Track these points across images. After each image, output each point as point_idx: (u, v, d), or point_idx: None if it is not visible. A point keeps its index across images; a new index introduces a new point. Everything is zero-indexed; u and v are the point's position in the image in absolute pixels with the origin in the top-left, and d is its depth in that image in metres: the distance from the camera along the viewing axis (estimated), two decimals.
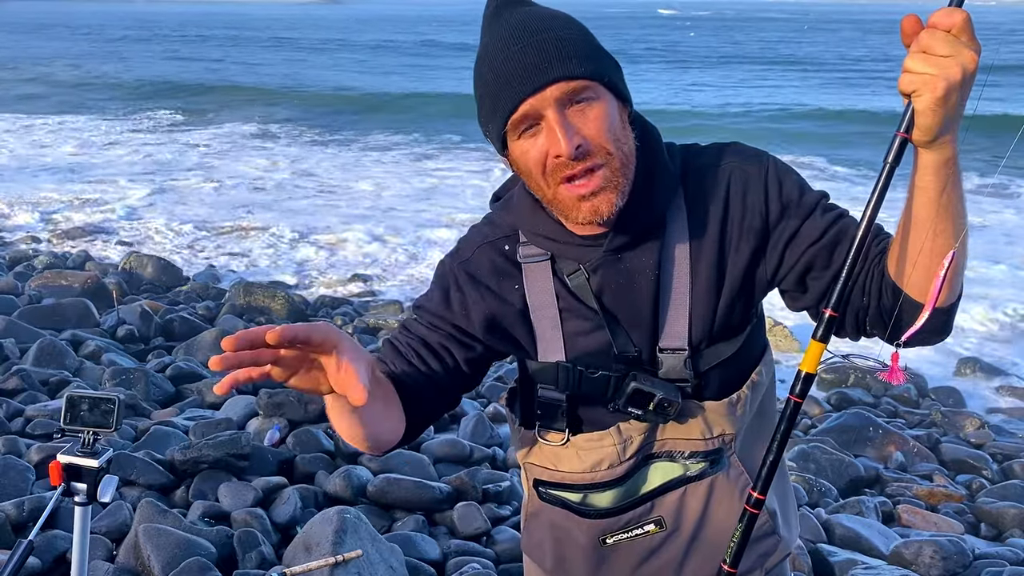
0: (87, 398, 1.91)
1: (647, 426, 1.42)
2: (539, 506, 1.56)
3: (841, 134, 19.45)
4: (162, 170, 15.47)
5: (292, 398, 4.39)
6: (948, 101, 1.05)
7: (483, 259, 1.43)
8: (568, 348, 1.41)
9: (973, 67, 1.05)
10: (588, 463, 1.45)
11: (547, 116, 1.22)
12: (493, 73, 1.25)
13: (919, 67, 1.06)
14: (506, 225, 1.45)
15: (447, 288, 1.43)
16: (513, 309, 1.41)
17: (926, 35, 1.06)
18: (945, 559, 3.60)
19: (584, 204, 1.26)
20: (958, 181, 1.14)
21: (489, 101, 1.27)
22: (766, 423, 1.54)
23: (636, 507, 1.48)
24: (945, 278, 1.14)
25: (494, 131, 1.29)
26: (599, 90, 1.24)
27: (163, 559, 3.00)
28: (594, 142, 1.23)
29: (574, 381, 1.40)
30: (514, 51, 1.23)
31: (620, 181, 1.26)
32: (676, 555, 1.51)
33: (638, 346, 1.39)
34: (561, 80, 1.21)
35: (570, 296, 1.39)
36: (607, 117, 1.24)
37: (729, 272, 1.38)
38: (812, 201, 1.35)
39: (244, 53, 39.66)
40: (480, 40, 1.31)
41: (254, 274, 9.26)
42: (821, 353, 1.22)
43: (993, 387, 6.68)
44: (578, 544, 1.52)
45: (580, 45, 1.25)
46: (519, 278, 1.42)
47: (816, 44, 50.74)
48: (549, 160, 1.24)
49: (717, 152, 1.41)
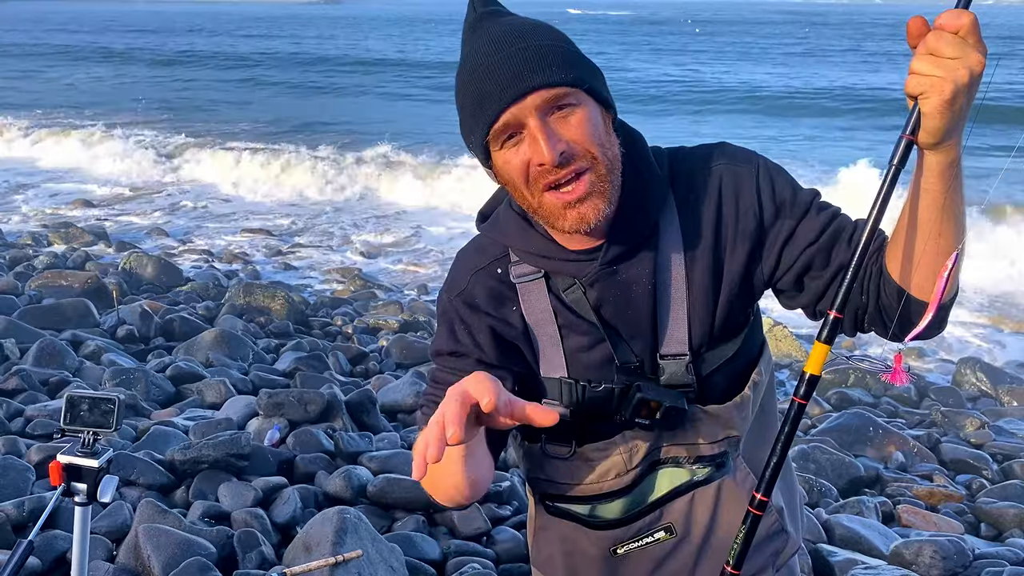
0: (87, 398, 1.91)
1: (652, 433, 1.41)
2: (547, 520, 1.55)
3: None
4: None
5: (292, 398, 4.39)
6: (955, 103, 1.05)
7: (478, 288, 1.41)
8: (570, 364, 1.40)
9: (980, 69, 1.04)
10: (595, 474, 1.44)
11: (529, 124, 1.21)
12: (473, 84, 1.24)
13: (927, 69, 1.05)
14: (495, 247, 1.43)
15: (452, 325, 1.42)
16: (515, 331, 1.40)
17: (933, 37, 1.05)
18: (945, 559, 3.59)
19: (570, 212, 1.24)
20: (960, 182, 1.14)
21: (470, 112, 1.26)
22: (768, 422, 1.55)
23: (645, 515, 1.47)
24: (948, 278, 1.14)
25: (476, 142, 1.28)
26: (581, 96, 1.23)
27: (163, 559, 3.00)
28: (578, 146, 1.22)
29: (578, 396, 1.39)
30: (494, 61, 1.22)
31: (606, 187, 1.25)
32: (687, 560, 1.50)
33: (639, 356, 1.38)
34: (541, 88, 1.20)
35: (568, 312, 1.38)
36: (590, 122, 1.23)
37: (726, 275, 1.37)
38: (806, 200, 1.35)
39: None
40: (461, 51, 1.31)
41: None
42: (826, 355, 1.22)
43: (993, 387, 6.68)
44: (589, 556, 1.51)
45: (560, 53, 1.24)
46: (516, 300, 1.40)
47: (702, 40, 50.58)
48: (532, 168, 1.23)
49: (706, 154, 1.40)
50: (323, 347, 6.29)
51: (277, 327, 6.98)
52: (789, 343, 7.31)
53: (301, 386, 4.97)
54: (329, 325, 7.42)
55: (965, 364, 7.00)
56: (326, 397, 4.42)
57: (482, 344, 1.38)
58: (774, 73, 31.31)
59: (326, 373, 5.56)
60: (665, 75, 30.03)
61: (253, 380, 5.32)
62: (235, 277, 8.93)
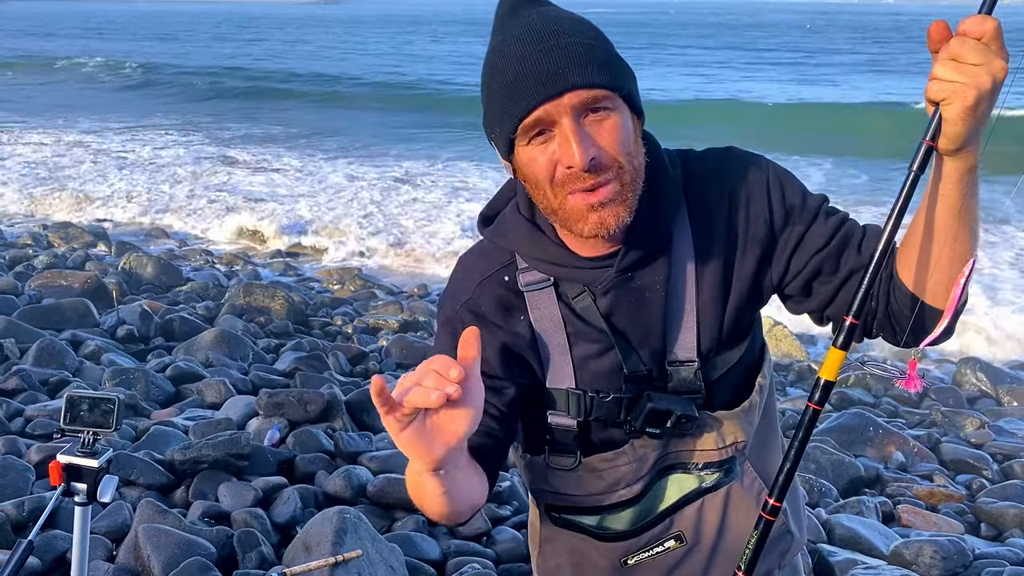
0: (87, 398, 1.91)
1: (661, 442, 1.40)
2: (554, 531, 1.53)
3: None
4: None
5: (292, 398, 4.39)
6: (978, 110, 1.04)
7: (485, 297, 1.37)
8: (578, 373, 1.37)
9: (1003, 76, 1.03)
10: (604, 484, 1.42)
11: (562, 124, 1.18)
12: (507, 73, 1.19)
13: (949, 75, 1.04)
14: (500, 252, 1.39)
15: (456, 337, 1.34)
16: (523, 341, 1.37)
17: (956, 43, 1.03)
18: (945, 559, 3.59)
19: (592, 215, 1.21)
20: (976, 188, 1.14)
21: (500, 102, 1.21)
22: (770, 424, 1.54)
23: (655, 525, 1.45)
24: (966, 284, 1.14)
25: (502, 134, 1.23)
26: (616, 101, 1.20)
27: (163, 559, 3.00)
28: (608, 154, 1.19)
29: (586, 407, 1.37)
30: (531, 52, 1.18)
31: (629, 196, 1.22)
32: (697, 568, 1.49)
33: (648, 363, 1.36)
34: (580, 88, 1.16)
35: (577, 320, 1.35)
36: (622, 130, 1.20)
37: (735, 280, 1.36)
38: (815, 206, 1.34)
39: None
40: (492, 37, 1.26)
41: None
42: (842, 361, 1.21)
43: (993, 387, 6.67)
44: (598, 567, 1.50)
45: (601, 53, 1.20)
46: (524, 308, 1.37)
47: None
48: (559, 170, 1.20)
49: (716, 158, 1.39)
50: (323, 347, 6.29)
51: (277, 327, 6.97)
52: (789, 343, 7.30)
53: (301, 386, 4.96)
54: (329, 325, 7.42)
55: (965, 364, 6.99)
56: (326, 397, 4.42)
57: (487, 357, 1.33)
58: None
59: (326, 373, 5.55)
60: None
61: (253, 380, 5.32)
62: (235, 277, 8.92)
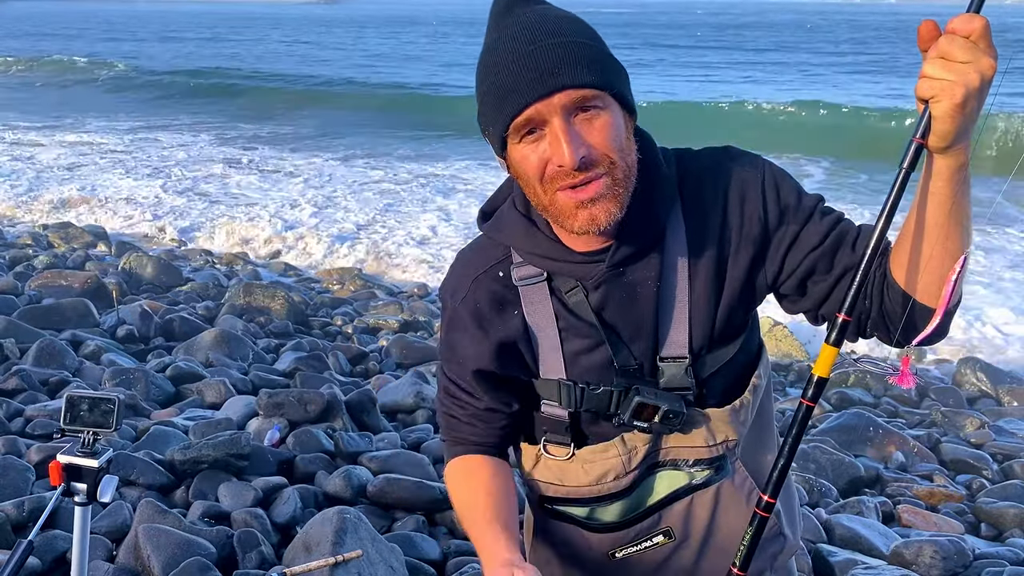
0: (87, 398, 1.90)
1: (651, 436, 1.41)
2: (546, 522, 1.55)
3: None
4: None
5: (292, 398, 4.39)
6: (966, 107, 1.05)
7: (481, 292, 1.41)
8: (569, 367, 1.39)
9: (991, 74, 1.05)
10: (593, 476, 1.44)
11: (552, 123, 1.20)
12: (500, 72, 1.21)
13: (938, 73, 1.05)
14: (496, 248, 1.42)
15: (452, 332, 1.45)
16: (516, 335, 1.40)
17: (945, 41, 1.05)
18: (945, 559, 3.59)
19: (581, 212, 1.23)
20: (968, 187, 1.14)
21: (493, 101, 1.23)
22: (765, 424, 1.54)
23: (644, 519, 1.47)
24: (957, 281, 1.14)
25: (495, 132, 1.26)
26: (607, 100, 1.22)
27: (163, 559, 3.00)
28: (598, 152, 1.21)
29: (576, 398, 1.39)
30: (524, 52, 1.20)
31: (620, 192, 1.24)
32: (687, 565, 1.50)
33: (639, 358, 1.38)
34: (570, 87, 1.18)
35: (569, 314, 1.37)
36: (613, 128, 1.22)
37: (728, 279, 1.37)
38: (810, 205, 1.35)
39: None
40: (487, 35, 1.27)
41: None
42: (834, 357, 1.21)
43: (993, 387, 6.67)
44: (587, 559, 1.51)
45: (592, 52, 1.21)
46: (517, 303, 1.40)
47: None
48: (550, 167, 1.22)
49: (712, 157, 1.40)
50: (323, 347, 6.29)
51: (277, 327, 6.97)
52: (789, 343, 7.30)
53: (301, 386, 4.96)
54: (329, 325, 7.42)
55: (965, 364, 6.99)
56: (326, 397, 4.42)
57: (483, 353, 1.40)
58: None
59: (326, 373, 5.55)
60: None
61: (253, 380, 5.32)
62: (235, 277, 8.92)
